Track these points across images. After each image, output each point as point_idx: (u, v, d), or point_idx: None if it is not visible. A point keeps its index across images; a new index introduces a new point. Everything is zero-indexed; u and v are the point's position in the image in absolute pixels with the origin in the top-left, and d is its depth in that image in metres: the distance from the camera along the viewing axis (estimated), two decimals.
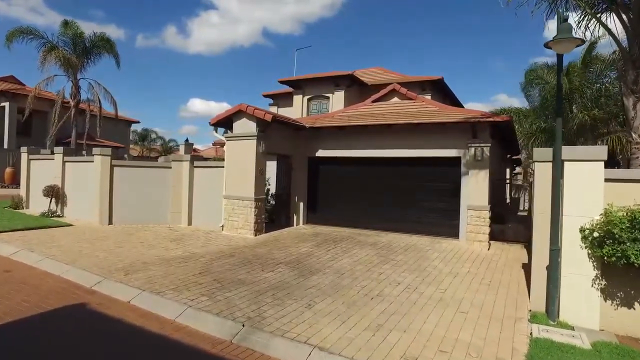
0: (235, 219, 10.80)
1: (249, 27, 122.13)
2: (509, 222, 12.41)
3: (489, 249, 9.81)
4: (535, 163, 5.95)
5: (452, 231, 10.58)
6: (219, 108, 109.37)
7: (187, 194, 11.79)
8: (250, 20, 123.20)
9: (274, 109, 21.38)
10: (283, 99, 19.99)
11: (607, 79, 12.16)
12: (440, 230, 10.75)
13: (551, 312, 5.38)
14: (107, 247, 8.64)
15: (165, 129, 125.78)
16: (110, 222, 11.38)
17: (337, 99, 17.25)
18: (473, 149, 9.98)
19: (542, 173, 5.87)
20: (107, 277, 6.52)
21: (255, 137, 10.56)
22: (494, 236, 10.52)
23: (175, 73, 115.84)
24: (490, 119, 9.60)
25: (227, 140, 11.14)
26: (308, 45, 62.19)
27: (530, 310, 5.72)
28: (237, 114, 10.87)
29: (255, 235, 10.57)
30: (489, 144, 9.91)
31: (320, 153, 12.46)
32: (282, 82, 18.12)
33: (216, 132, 11.61)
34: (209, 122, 11.33)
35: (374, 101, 13.50)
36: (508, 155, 17.55)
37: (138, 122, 30.05)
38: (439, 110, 11.51)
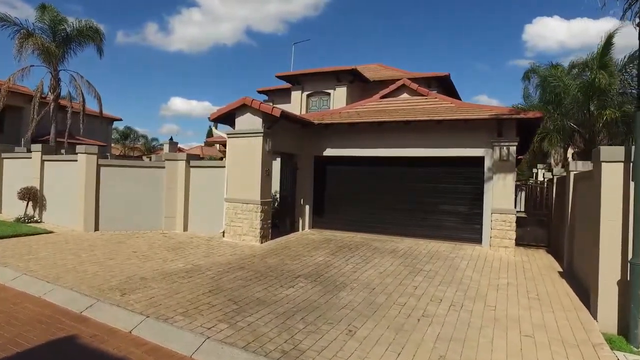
0: (238, 224, 9.79)
1: (232, 26, 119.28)
2: (527, 225, 11.81)
3: (514, 255, 9.10)
4: (603, 164, 5.20)
5: (474, 236, 9.84)
6: (201, 107, 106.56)
7: (183, 196, 10.70)
8: (233, 19, 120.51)
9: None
10: (279, 95, 18.97)
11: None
12: (460, 236, 10.00)
13: (633, 336, 4.64)
14: (95, 259, 7.52)
15: (146, 128, 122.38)
16: (96, 229, 10.19)
17: (338, 95, 16.37)
18: (499, 148, 9.27)
19: (612, 175, 5.13)
20: (101, 298, 5.45)
21: (262, 134, 9.57)
22: None
23: (156, 71, 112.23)
24: (522, 116, 8.90)
25: (229, 137, 10.11)
26: (306, 39, 60.14)
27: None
28: (241, 108, 9.86)
29: (262, 242, 9.58)
30: (516, 143, 9.21)
31: (329, 152, 11.56)
32: (279, 77, 17.12)
33: (216, 128, 10.57)
34: (208, 118, 10.30)
35: (382, 97, 12.68)
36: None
37: (120, 119, 28.50)
38: (457, 106, 10.77)
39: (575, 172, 7.81)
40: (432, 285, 6.65)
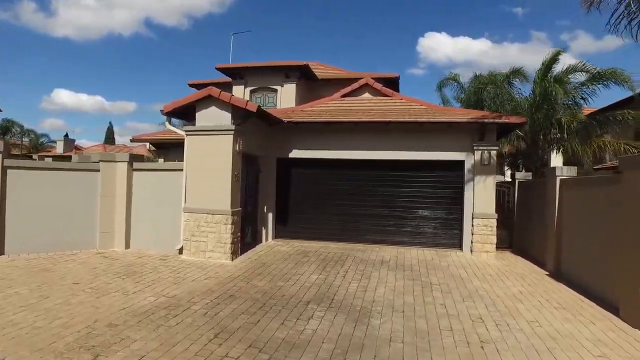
0: (202, 239, 8.15)
1: (129, 15, 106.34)
2: None
3: (495, 259, 9.12)
4: None
5: (454, 241, 9.69)
6: (92, 102, 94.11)
7: (125, 206, 8.63)
8: (130, 7, 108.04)
9: None
10: None
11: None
12: (440, 241, 9.76)
13: None
14: (22, 301, 5.38)
15: (22, 121, 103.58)
16: (1, 253, 7.60)
17: (286, 93, 15.22)
18: (480, 152, 9.21)
19: None
20: None
21: (232, 133, 8.10)
22: None
23: (35, 57, 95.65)
24: (505, 121, 8.94)
25: (188, 135, 8.40)
26: (248, 30, 54.41)
27: None
28: (204, 100, 8.24)
29: (232, 259, 8.11)
30: (497, 147, 9.27)
31: (295, 154, 10.44)
32: (220, 69, 15.31)
33: (169, 123, 8.72)
34: (161, 111, 8.42)
35: (343, 95, 11.98)
36: None
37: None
38: (430, 108, 10.55)
39: (562, 177, 7.99)
40: (457, 301, 6.09)
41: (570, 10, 65.65)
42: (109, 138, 49.49)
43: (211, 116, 8.26)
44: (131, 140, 13.85)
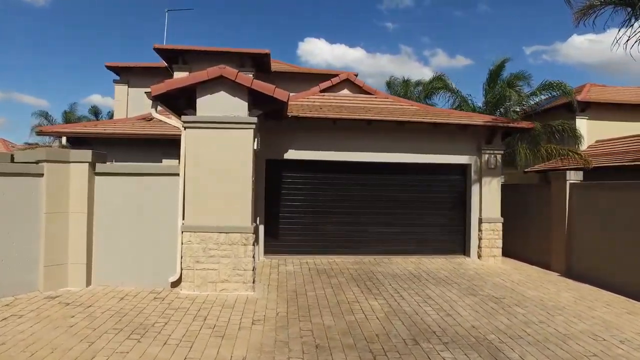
0: (211, 266, 6.15)
1: None
2: None
3: (502, 264, 9.12)
4: None
5: (460, 247, 9.44)
6: None
7: (86, 226, 6.02)
8: None
9: (122, 89, 14.88)
10: (140, 76, 14.14)
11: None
12: (446, 248, 9.40)
13: None
14: None
15: None
16: None
17: None
18: (487, 156, 9.10)
19: None
20: None
21: (252, 127, 6.32)
22: None
23: None
24: (515, 125, 8.99)
25: (188, 127, 6.26)
26: (189, 7, 41.45)
27: None
28: (212, 83, 6.21)
29: (254, 289, 6.31)
30: (502, 151, 9.27)
31: (291, 154, 8.88)
32: (158, 51, 12.46)
33: (156, 110, 6.41)
34: (146, 93, 6.10)
35: (322, 91, 10.81)
36: None
37: None
38: (425, 110, 10.12)
39: (572, 181, 8.28)
40: (546, 317, 5.62)
41: (431, 29, 74.07)
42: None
43: (219, 104, 6.29)
44: (37, 133, 10.28)
